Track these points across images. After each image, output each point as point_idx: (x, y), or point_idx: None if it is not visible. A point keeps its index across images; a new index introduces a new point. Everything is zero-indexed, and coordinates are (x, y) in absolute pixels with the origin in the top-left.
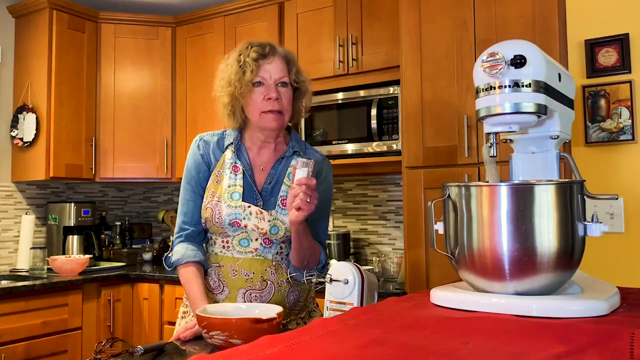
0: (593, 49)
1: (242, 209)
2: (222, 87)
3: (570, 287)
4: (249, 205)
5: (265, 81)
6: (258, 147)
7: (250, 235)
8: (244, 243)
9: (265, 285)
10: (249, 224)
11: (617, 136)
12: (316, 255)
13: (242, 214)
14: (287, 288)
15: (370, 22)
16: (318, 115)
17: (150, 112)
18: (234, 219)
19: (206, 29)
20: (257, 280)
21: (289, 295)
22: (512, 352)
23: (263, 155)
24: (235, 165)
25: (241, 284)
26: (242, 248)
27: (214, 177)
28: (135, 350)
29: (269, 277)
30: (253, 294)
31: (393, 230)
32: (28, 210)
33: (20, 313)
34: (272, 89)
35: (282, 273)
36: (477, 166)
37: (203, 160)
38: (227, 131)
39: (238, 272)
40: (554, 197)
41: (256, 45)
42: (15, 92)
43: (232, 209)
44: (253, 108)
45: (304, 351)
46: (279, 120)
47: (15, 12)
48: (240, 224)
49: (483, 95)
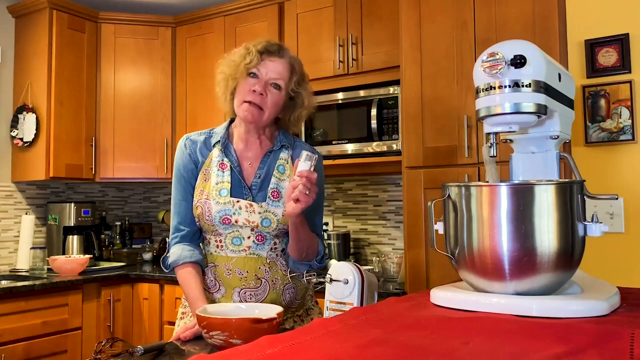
0: (593, 49)
1: (231, 204)
2: (222, 65)
3: (570, 287)
4: (237, 200)
5: (261, 75)
6: (244, 143)
7: (242, 233)
8: (236, 241)
9: (259, 283)
10: (239, 218)
11: (617, 136)
12: (314, 246)
13: (232, 209)
14: (282, 286)
15: (370, 22)
16: (318, 115)
17: (150, 112)
18: (224, 215)
19: (206, 29)
20: (251, 278)
21: (284, 293)
22: (512, 352)
23: (250, 150)
24: (223, 163)
25: (236, 283)
26: (234, 247)
27: (202, 176)
28: (135, 350)
29: (263, 275)
30: (248, 292)
31: (393, 230)
32: (28, 210)
33: (20, 313)
34: (261, 84)
35: (276, 270)
36: (477, 166)
37: (191, 159)
38: (214, 130)
39: (232, 271)
40: (554, 197)
41: (268, 41)
42: (15, 92)
43: (220, 205)
44: (238, 95)
45: (304, 351)
46: (255, 114)
47: (15, 12)
48: (230, 219)
49: (483, 95)
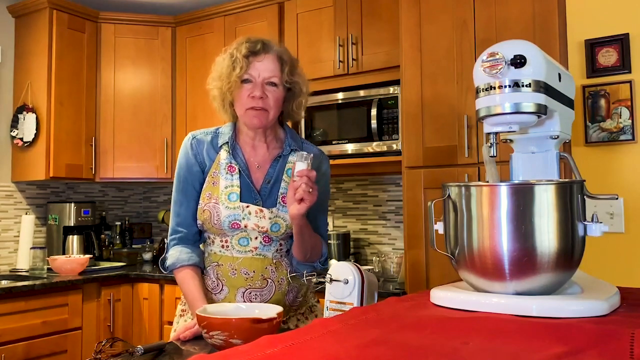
0: (593, 49)
1: (241, 209)
2: (213, 80)
3: (570, 287)
4: (247, 205)
5: (254, 79)
6: (251, 146)
7: (249, 235)
8: (243, 242)
9: (265, 283)
10: (249, 223)
11: (617, 136)
12: (318, 247)
13: (241, 214)
14: (287, 286)
15: (370, 22)
16: (318, 115)
17: (150, 112)
18: (233, 220)
19: (206, 29)
20: (258, 279)
21: (288, 293)
22: (512, 352)
23: (258, 153)
24: (231, 166)
25: (241, 283)
26: (241, 247)
27: (209, 179)
28: (135, 350)
29: (270, 276)
30: (253, 292)
31: (393, 230)
32: (28, 210)
33: (20, 313)
34: (257, 87)
35: (282, 271)
36: (477, 166)
37: (196, 160)
38: (220, 129)
39: (238, 270)
40: (554, 197)
41: (250, 41)
42: (15, 92)
43: (230, 210)
44: (239, 104)
45: (304, 351)
46: (261, 117)
47: (15, 12)
48: (240, 225)
49: (483, 95)
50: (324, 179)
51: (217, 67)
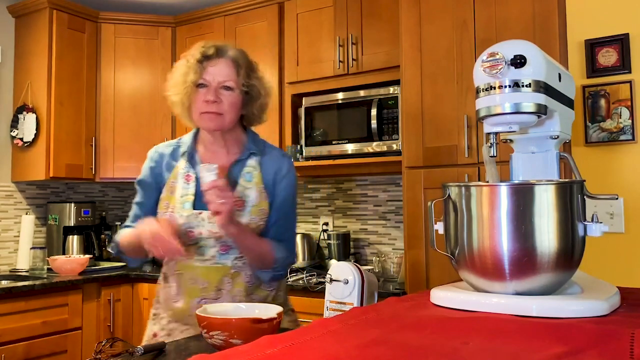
0: (593, 49)
1: (194, 216)
2: (170, 87)
3: (570, 287)
4: (199, 212)
5: (209, 83)
6: (211, 152)
7: (207, 243)
8: (201, 251)
9: (220, 294)
10: (203, 230)
11: (617, 136)
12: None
13: (195, 221)
14: (244, 297)
15: (370, 22)
16: (318, 115)
17: (150, 112)
18: (188, 227)
19: (206, 29)
20: (212, 289)
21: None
22: (512, 352)
23: (218, 158)
24: (188, 175)
25: (197, 293)
26: (199, 256)
27: (167, 188)
28: (135, 350)
29: (224, 287)
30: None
31: (393, 230)
32: (28, 210)
33: (20, 313)
34: (211, 92)
35: (239, 282)
36: (477, 166)
37: (151, 172)
38: (182, 139)
39: (195, 280)
40: (554, 197)
41: (204, 47)
42: (15, 92)
43: (184, 218)
44: (194, 108)
45: (304, 351)
46: (216, 121)
47: (15, 12)
48: (194, 232)
49: (483, 95)
50: (285, 182)
51: (174, 73)
